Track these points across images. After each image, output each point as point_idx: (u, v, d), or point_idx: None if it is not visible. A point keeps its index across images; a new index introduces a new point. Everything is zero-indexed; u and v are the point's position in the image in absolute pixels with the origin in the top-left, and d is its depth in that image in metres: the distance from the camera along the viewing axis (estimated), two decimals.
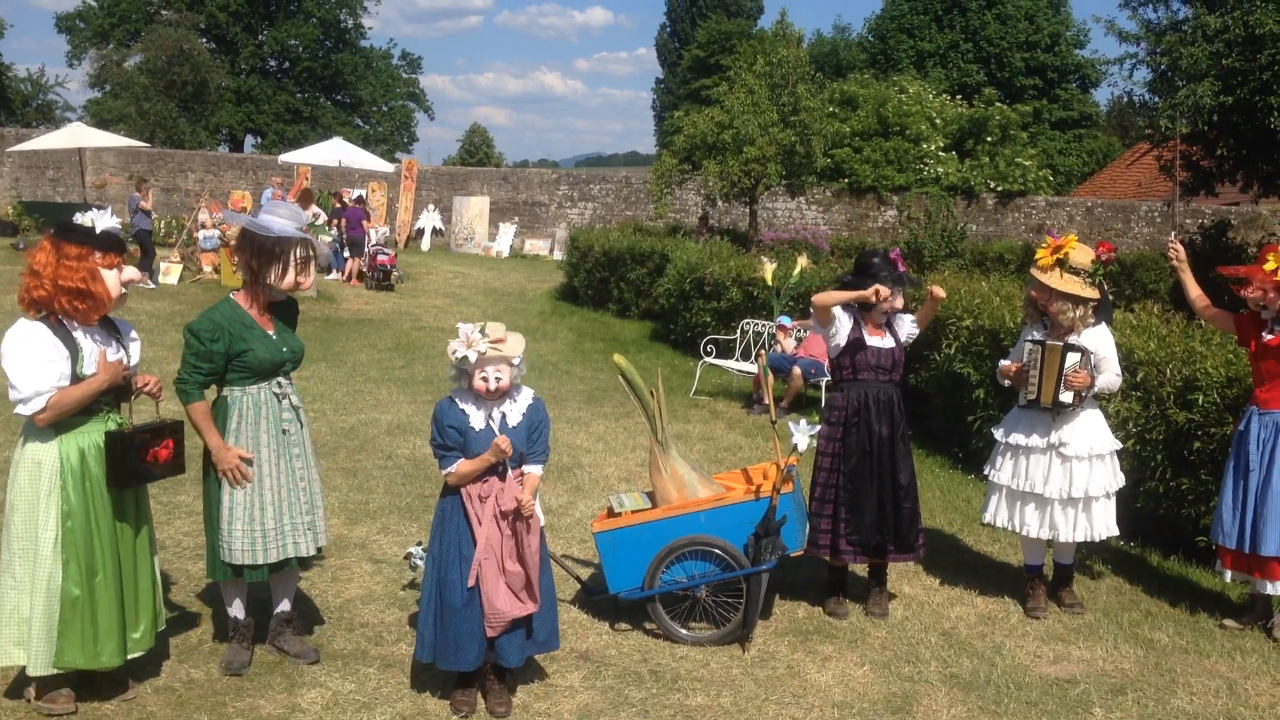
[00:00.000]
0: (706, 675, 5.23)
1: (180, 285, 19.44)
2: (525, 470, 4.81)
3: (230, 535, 4.84)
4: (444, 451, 4.75)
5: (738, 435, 10.44)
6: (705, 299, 14.62)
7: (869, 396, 5.97)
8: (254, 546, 4.86)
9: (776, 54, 22.57)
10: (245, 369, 4.84)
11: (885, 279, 5.93)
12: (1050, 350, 5.87)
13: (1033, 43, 46.47)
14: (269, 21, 54.02)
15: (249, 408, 4.88)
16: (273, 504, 4.90)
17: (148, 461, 4.60)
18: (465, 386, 4.76)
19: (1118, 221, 28.97)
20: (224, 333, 4.79)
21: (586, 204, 33.41)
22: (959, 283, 10.64)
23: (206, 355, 4.77)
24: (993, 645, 5.70)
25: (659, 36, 59.59)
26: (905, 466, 5.98)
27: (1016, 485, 6.10)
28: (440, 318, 18.17)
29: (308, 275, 4.98)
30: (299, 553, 5.00)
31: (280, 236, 4.85)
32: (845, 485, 5.97)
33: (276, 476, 4.92)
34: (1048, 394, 5.89)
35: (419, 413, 10.65)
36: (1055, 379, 5.85)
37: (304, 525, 5.02)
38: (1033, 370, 5.95)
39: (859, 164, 30.59)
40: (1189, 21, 16.67)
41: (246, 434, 4.86)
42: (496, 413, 4.75)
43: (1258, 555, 5.81)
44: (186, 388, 4.80)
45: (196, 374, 4.80)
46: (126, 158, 33.68)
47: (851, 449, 5.97)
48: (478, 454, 4.68)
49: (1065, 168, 44.20)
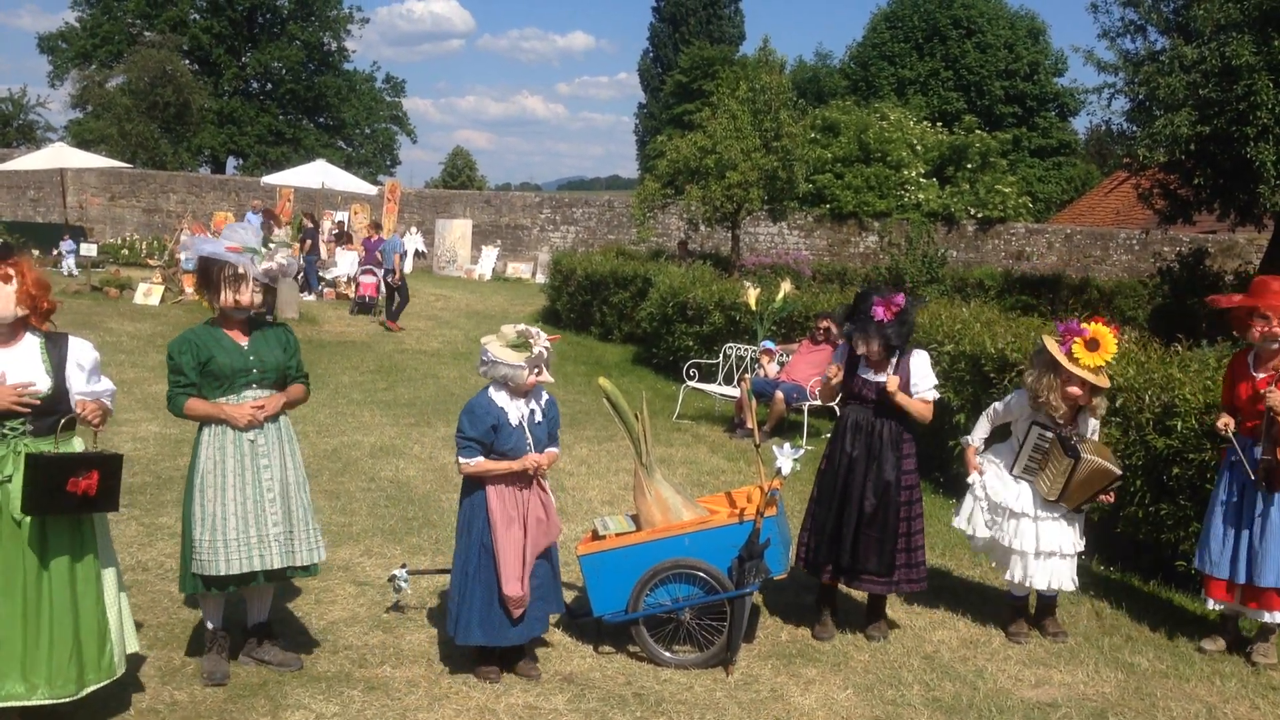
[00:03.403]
0: (690, 698, 5.24)
1: (162, 306, 19.36)
2: None
3: (199, 545, 4.91)
4: (468, 443, 5.14)
5: (720, 459, 10.46)
6: (688, 323, 14.67)
7: (849, 421, 6.05)
8: (216, 556, 4.89)
9: (759, 80, 22.67)
10: (211, 377, 4.96)
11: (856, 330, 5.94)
12: (1092, 470, 5.84)
13: (1012, 71, 46.86)
14: (252, 44, 54.03)
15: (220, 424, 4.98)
16: (236, 515, 4.93)
17: (68, 491, 4.29)
18: (506, 384, 5.20)
19: (1096, 249, 29.19)
20: (190, 345, 5.00)
21: (569, 227, 33.47)
22: (940, 308, 10.71)
23: (177, 368, 4.98)
24: (975, 669, 5.73)
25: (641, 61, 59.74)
26: (874, 495, 5.92)
27: (998, 535, 6.17)
28: (423, 340, 18.15)
29: (243, 292, 4.99)
30: (265, 565, 4.98)
31: (207, 257, 4.99)
32: (815, 498, 6.16)
33: (241, 488, 4.97)
34: (1073, 500, 5.97)
35: (402, 435, 10.64)
36: (1091, 494, 5.94)
37: (272, 537, 5.00)
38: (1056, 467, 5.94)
39: (840, 190, 30.75)
40: (1166, 52, 16.85)
41: (214, 444, 4.96)
42: (526, 409, 5.26)
43: (1254, 586, 5.83)
44: (173, 398, 4.97)
45: (176, 386, 4.98)
46: (108, 178, 33.61)
47: (826, 469, 6.12)
48: (507, 447, 5.15)
49: (1044, 195, 44.49)
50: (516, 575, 5.17)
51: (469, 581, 5.23)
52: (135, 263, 24.89)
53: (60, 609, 4.38)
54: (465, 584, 5.25)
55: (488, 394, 5.24)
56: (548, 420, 5.39)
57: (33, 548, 4.34)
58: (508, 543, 5.19)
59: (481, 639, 5.22)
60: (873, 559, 5.96)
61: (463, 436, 5.17)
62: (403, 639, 5.78)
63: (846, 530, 5.96)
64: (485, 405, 5.19)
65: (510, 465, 5.18)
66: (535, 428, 5.30)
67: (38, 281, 4.48)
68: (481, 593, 5.20)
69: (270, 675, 5.23)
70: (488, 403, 5.20)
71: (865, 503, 5.93)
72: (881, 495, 5.94)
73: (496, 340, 5.25)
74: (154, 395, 4.41)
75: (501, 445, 5.17)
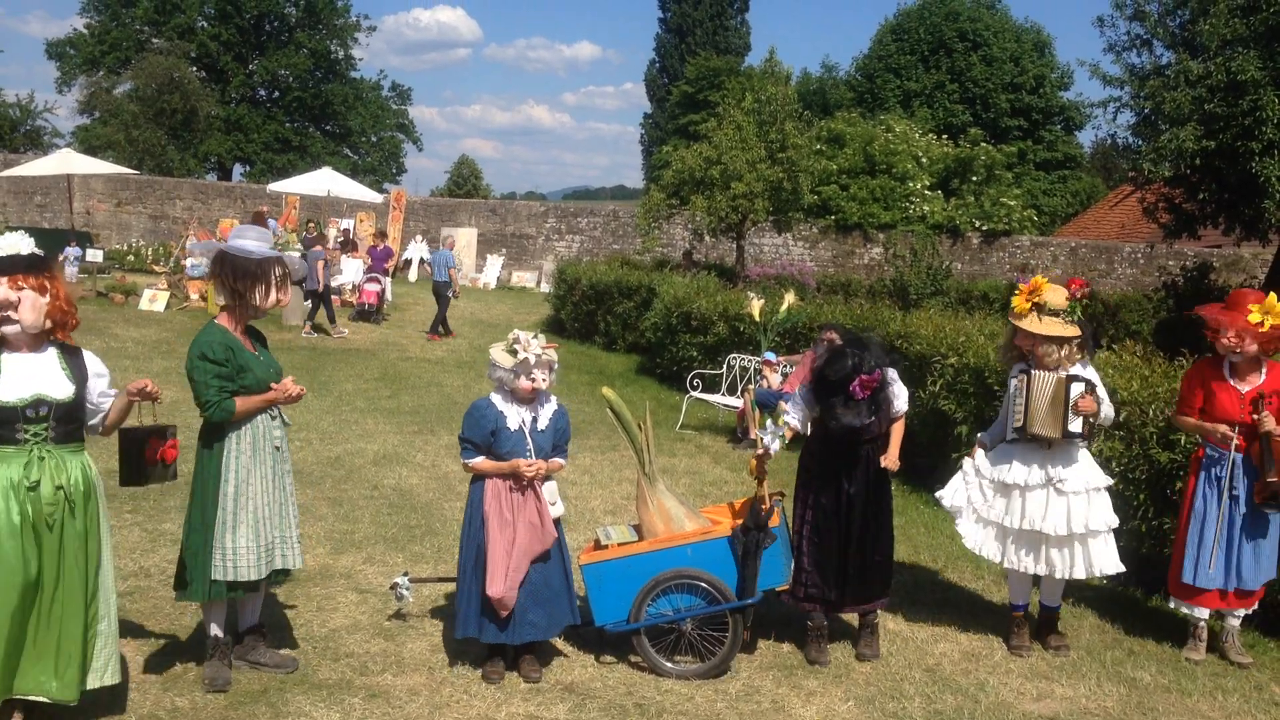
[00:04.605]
0: (691, 709, 5.24)
1: (168, 312, 19.40)
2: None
3: (232, 551, 4.96)
4: (469, 444, 5.37)
5: (723, 470, 10.46)
6: (692, 333, 14.67)
7: (841, 459, 5.91)
8: (259, 561, 5.02)
9: (765, 91, 22.73)
10: (242, 390, 5.00)
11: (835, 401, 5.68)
12: (1053, 383, 5.86)
13: (1018, 84, 46.86)
14: (260, 51, 54.11)
15: (247, 427, 5.04)
16: (267, 520, 5.08)
17: (156, 460, 4.84)
18: (506, 389, 5.38)
19: (1101, 262, 29.20)
20: (227, 349, 4.99)
21: (574, 237, 33.50)
22: (944, 321, 10.71)
23: (227, 374, 4.95)
24: (976, 682, 5.72)
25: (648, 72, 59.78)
26: (874, 522, 5.93)
27: (1010, 523, 6.09)
28: (426, 349, 18.17)
29: (286, 292, 5.21)
30: (286, 564, 5.22)
31: (262, 258, 5.12)
32: (811, 537, 5.99)
33: (272, 493, 5.11)
34: (1055, 427, 5.87)
35: (405, 443, 10.65)
36: (1063, 410, 5.84)
37: (293, 538, 5.25)
38: (1018, 398, 5.99)
39: (845, 201, 30.78)
40: (1172, 67, 16.89)
41: (245, 453, 5.03)
42: (528, 416, 5.40)
43: (1243, 590, 5.96)
44: (220, 403, 4.95)
45: (225, 392, 4.95)
46: (115, 184, 33.67)
47: (820, 504, 5.98)
48: (507, 450, 5.30)
49: (1049, 208, 44.47)
50: (501, 575, 5.27)
51: (467, 577, 5.42)
52: (141, 269, 24.93)
53: (74, 613, 4.49)
54: (464, 579, 5.44)
55: (490, 398, 5.43)
56: (554, 429, 5.50)
57: (55, 554, 4.46)
58: (497, 543, 5.31)
59: (474, 633, 5.40)
60: (878, 585, 6.00)
61: (461, 436, 5.43)
62: (404, 647, 5.78)
63: (853, 563, 5.92)
64: (484, 408, 5.40)
65: (500, 466, 5.34)
66: (537, 435, 5.41)
67: (69, 299, 4.61)
68: (476, 588, 5.36)
69: (271, 682, 5.24)
70: (487, 406, 5.41)
71: (867, 534, 5.92)
72: (880, 522, 5.97)
73: (499, 345, 5.43)
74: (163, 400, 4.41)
75: (499, 448, 5.33)
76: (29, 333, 4.46)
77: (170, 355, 14.72)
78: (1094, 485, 6.02)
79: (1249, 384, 5.93)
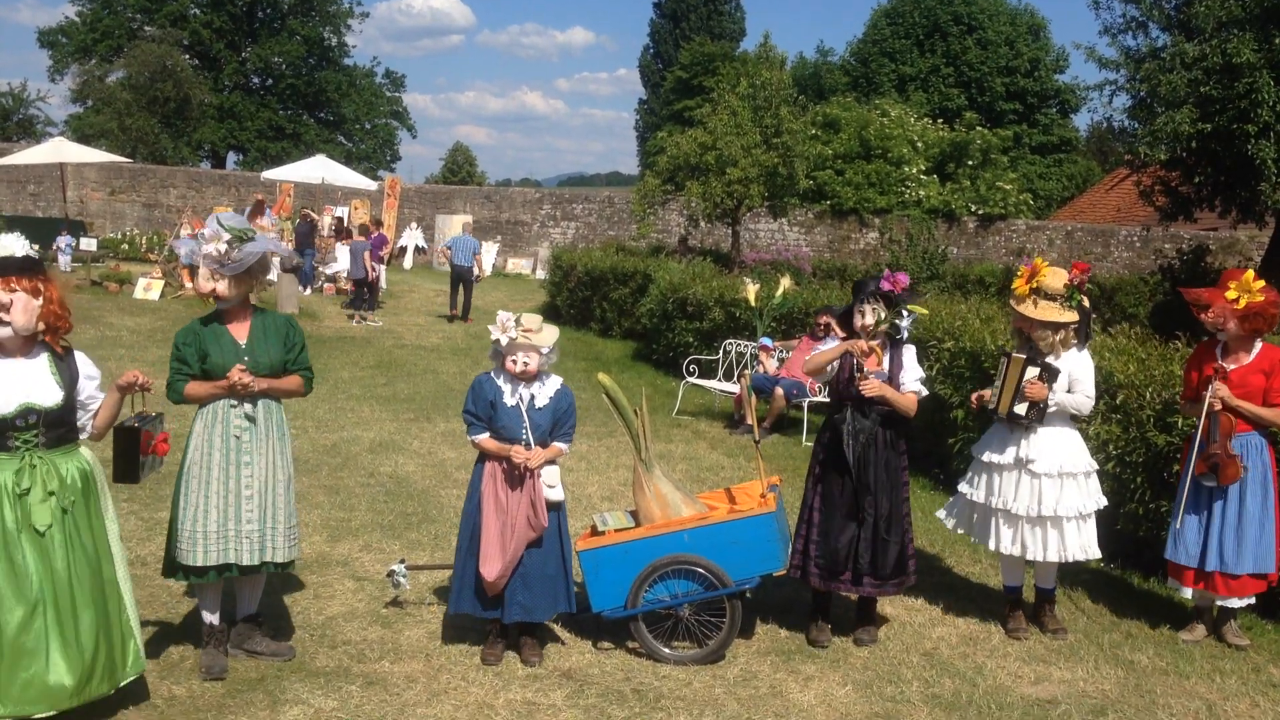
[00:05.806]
0: (689, 694, 5.24)
1: (162, 301, 19.35)
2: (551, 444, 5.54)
3: (181, 534, 5.01)
4: (473, 419, 5.46)
5: (720, 455, 10.45)
6: (688, 319, 14.65)
7: (848, 426, 5.85)
8: (194, 547, 4.99)
9: (759, 76, 22.65)
10: (205, 375, 5.06)
11: (867, 295, 5.81)
12: (1013, 362, 5.95)
13: (1013, 68, 46.83)
14: (253, 38, 53.93)
15: (206, 411, 5.09)
16: (217, 508, 5.03)
17: (149, 453, 4.88)
18: (501, 366, 5.44)
19: (1097, 245, 29.19)
20: (194, 337, 5.10)
21: (569, 223, 33.46)
22: (940, 305, 10.70)
23: (181, 358, 5.07)
24: (974, 666, 5.73)
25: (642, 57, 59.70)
26: (886, 498, 5.85)
27: (990, 501, 6.13)
28: (422, 336, 18.16)
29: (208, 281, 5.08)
30: (236, 560, 5.07)
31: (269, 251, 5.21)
32: (820, 508, 5.95)
33: (225, 482, 5.06)
34: (1004, 404, 5.98)
35: (401, 430, 10.64)
36: (1013, 390, 5.92)
37: (244, 534, 5.06)
38: (997, 380, 6.07)
39: (841, 186, 30.75)
40: (1168, 49, 16.84)
41: (203, 435, 5.06)
42: (525, 393, 5.44)
43: (1226, 573, 5.93)
44: (173, 384, 5.09)
45: (178, 375, 5.09)
46: (108, 173, 33.58)
47: (825, 474, 5.96)
48: (504, 425, 5.38)
49: (1045, 192, 44.48)
50: (492, 556, 5.32)
51: (462, 555, 5.50)
52: (135, 257, 24.86)
53: (89, 612, 4.47)
54: (460, 557, 5.52)
55: (490, 373, 5.52)
56: (553, 409, 5.51)
57: (57, 556, 4.43)
58: (491, 525, 5.36)
59: (468, 609, 5.48)
60: (889, 564, 5.88)
61: (465, 410, 5.54)
62: (401, 634, 5.78)
63: (864, 537, 5.84)
64: (484, 382, 5.50)
65: (500, 448, 5.39)
66: (535, 413, 5.44)
67: (63, 303, 4.57)
68: (471, 566, 5.44)
69: (268, 670, 5.23)
70: (487, 379, 5.50)
71: (879, 509, 5.84)
72: (893, 500, 5.88)
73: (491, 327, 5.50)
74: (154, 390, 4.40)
75: (497, 423, 5.42)
76: (20, 335, 4.42)
77: (165, 343, 14.63)
78: (1068, 470, 5.99)
79: (1237, 364, 5.95)
